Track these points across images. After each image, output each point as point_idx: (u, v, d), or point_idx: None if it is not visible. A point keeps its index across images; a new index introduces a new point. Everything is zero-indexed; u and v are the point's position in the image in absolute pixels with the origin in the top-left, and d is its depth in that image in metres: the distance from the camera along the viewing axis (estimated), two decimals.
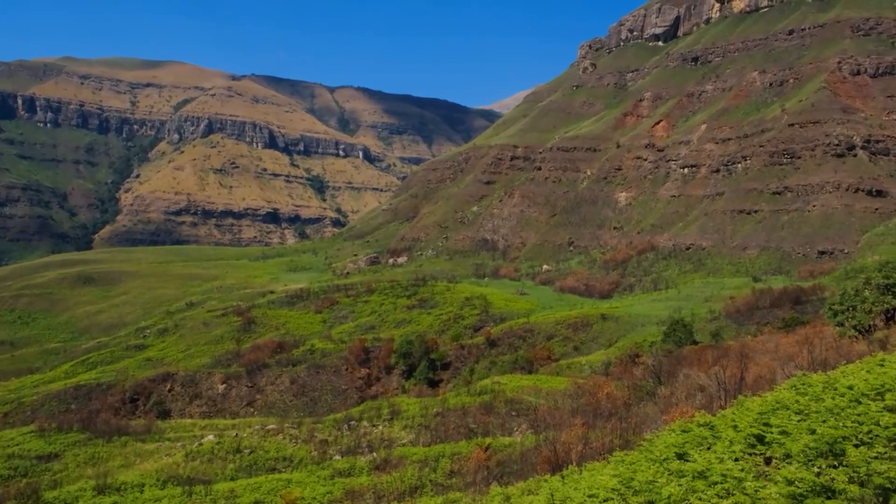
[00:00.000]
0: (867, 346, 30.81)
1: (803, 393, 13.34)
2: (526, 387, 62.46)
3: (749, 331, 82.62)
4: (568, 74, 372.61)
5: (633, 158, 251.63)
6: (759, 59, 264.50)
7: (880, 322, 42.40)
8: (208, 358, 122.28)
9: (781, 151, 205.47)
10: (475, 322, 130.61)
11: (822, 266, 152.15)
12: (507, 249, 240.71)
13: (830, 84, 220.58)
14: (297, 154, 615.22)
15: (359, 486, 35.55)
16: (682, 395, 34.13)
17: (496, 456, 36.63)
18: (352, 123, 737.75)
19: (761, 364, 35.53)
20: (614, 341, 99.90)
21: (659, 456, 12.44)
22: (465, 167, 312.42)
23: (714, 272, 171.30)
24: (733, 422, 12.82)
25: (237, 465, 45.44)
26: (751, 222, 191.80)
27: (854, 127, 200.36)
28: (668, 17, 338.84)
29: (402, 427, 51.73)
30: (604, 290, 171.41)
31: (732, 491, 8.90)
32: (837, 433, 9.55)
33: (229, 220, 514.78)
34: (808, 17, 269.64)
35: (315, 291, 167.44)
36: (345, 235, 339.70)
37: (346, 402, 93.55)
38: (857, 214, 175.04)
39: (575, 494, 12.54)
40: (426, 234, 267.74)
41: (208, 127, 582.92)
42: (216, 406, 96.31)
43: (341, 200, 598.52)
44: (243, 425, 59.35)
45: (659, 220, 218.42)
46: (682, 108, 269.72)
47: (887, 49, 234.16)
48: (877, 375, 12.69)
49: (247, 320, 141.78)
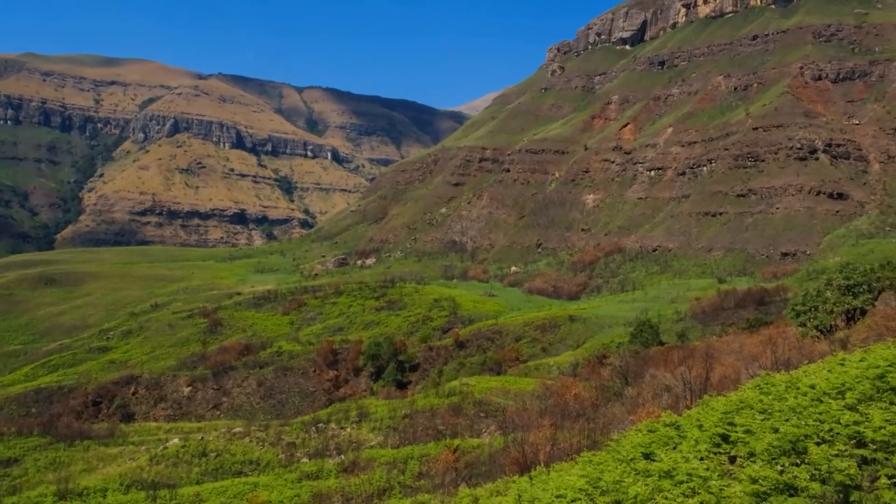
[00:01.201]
0: (828, 346, 31.37)
1: (767, 392, 13.53)
2: (494, 388, 62.59)
3: (714, 331, 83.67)
4: (536, 77, 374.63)
5: (601, 161, 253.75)
6: (723, 64, 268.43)
7: (841, 322, 43.20)
8: (173, 360, 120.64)
9: (746, 155, 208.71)
10: (444, 324, 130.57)
11: (785, 267, 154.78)
12: (475, 251, 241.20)
13: (793, 89, 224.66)
14: (264, 154, 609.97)
15: (326, 489, 35.33)
16: (648, 396, 34.45)
17: (465, 457, 36.65)
18: (320, 124, 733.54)
19: (726, 364, 35.99)
20: (582, 342, 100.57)
21: (626, 456, 12.52)
22: (434, 169, 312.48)
23: (680, 273, 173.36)
24: (699, 421, 12.96)
25: (203, 469, 44.90)
26: (716, 224, 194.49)
27: (816, 131, 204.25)
28: (636, 22, 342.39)
29: (371, 429, 51.54)
30: (572, 292, 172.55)
31: (698, 490, 8.99)
32: (800, 432, 9.70)
33: (195, 221, 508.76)
34: (772, 22, 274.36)
35: (283, 293, 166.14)
36: (313, 237, 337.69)
37: (313, 404, 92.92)
38: (818, 217, 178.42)
39: (543, 495, 12.57)
40: (395, 235, 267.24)
41: (174, 126, 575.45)
42: (181, 409, 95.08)
43: (309, 201, 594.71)
44: (209, 428, 58.68)
45: (626, 222, 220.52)
46: (649, 112, 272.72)
47: (847, 55, 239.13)
48: (838, 375, 12.92)
49: (213, 322, 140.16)
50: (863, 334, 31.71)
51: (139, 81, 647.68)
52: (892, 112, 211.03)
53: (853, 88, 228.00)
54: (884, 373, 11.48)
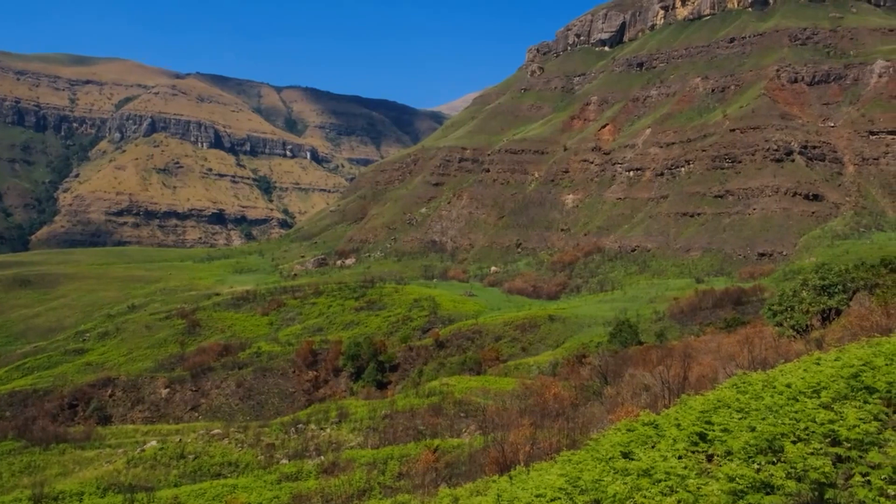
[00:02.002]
0: (804, 346, 31.72)
1: (744, 391, 13.67)
2: (474, 388, 62.67)
3: (692, 331, 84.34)
4: (516, 77, 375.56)
5: (580, 161, 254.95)
6: (701, 66, 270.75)
7: (817, 322, 43.69)
8: (151, 362, 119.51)
9: (723, 156, 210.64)
10: (424, 324, 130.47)
11: (761, 267, 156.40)
12: (455, 251, 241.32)
13: (769, 91, 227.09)
14: (243, 154, 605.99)
15: (306, 490, 35.19)
16: (627, 395, 34.64)
17: (445, 457, 36.67)
18: (299, 124, 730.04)
19: (704, 363, 36.27)
20: (561, 342, 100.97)
21: (605, 455, 12.60)
22: (414, 169, 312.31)
23: (658, 273, 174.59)
24: (677, 420, 13.06)
25: (181, 472, 44.54)
26: (694, 225, 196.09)
27: (792, 133, 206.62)
28: (615, 23, 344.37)
29: (351, 430, 51.40)
30: (551, 292, 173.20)
31: (676, 488, 9.06)
32: (776, 430, 9.81)
33: (173, 221, 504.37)
34: (749, 25, 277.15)
35: (262, 293, 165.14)
36: (292, 237, 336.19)
37: (293, 405, 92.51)
38: (794, 218, 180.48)
39: (522, 494, 12.61)
40: (374, 235, 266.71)
41: (151, 126, 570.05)
42: (159, 411, 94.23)
43: (288, 201, 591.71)
44: (187, 430, 58.25)
45: (605, 223, 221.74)
46: (628, 113, 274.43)
47: (823, 58, 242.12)
48: (813, 374, 13.08)
49: (191, 323, 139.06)
50: (838, 334, 32.10)
51: (115, 81, 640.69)
52: (867, 115, 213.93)
53: (828, 91, 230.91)
54: (858, 372, 11.64)
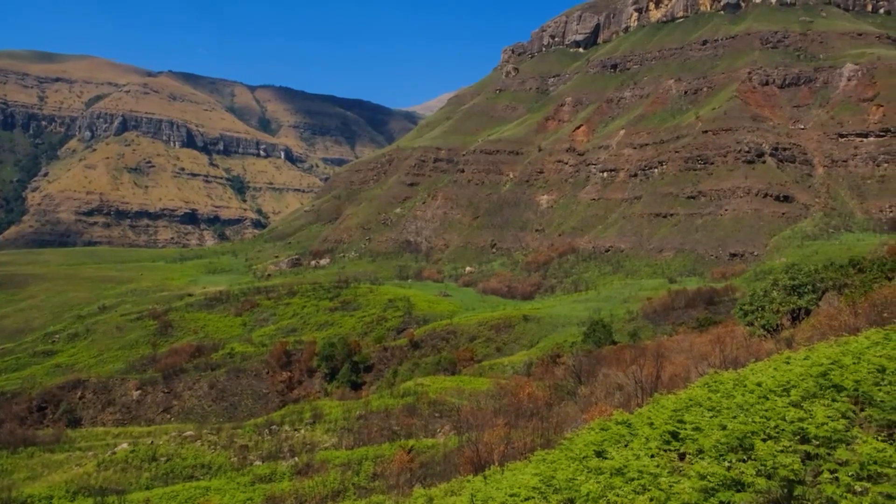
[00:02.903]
0: (775, 345, 32.12)
1: (715, 390, 13.81)
2: (449, 388, 62.68)
3: (665, 330, 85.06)
4: (491, 78, 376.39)
5: (555, 162, 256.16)
6: (674, 68, 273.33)
7: (787, 321, 44.30)
8: (122, 363, 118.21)
9: (696, 157, 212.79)
10: (398, 324, 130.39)
11: (733, 268, 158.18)
12: (430, 251, 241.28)
13: (741, 93, 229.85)
14: (216, 154, 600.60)
15: (280, 491, 34.98)
16: (601, 394, 34.84)
17: (419, 458, 36.64)
18: (273, 123, 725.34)
19: (676, 363, 36.59)
20: (536, 342, 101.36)
21: (578, 454, 12.66)
22: (389, 169, 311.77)
23: (632, 274, 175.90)
24: (649, 419, 13.16)
25: (153, 474, 44.04)
26: (667, 225, 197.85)
27: (763, 135, 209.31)
28: (589, 25, 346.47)
29: (325, 430, 51.16)
30: (526, 292, 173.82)
31: (648, 486, 9.13)
32: (746, 428, 9.92)
33: (145, 221, 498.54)
34: (721, 28, 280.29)
35: (235, 294, 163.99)
36: (266, 237, 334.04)
37: (267, 406, 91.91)
38: (765, 218, 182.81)
39: (497, 494, 12.64)
40: (349, 235, 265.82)
41: (122, 124, 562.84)
42: (130, 413, 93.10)
43: (262, 201, 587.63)
44: (159, 432, 57.61)
45: (579, 223, 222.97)
46: (602, 114, 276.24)
47: (793, 61, 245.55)
48: (783, 373, 13.26)
49: (163, 324, 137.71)
50: (807, 333, 32.55)
51: (85, 78, 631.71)
52: (836, 117, 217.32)
53: (799, 94, 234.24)
54: (826, 371, 11.81)
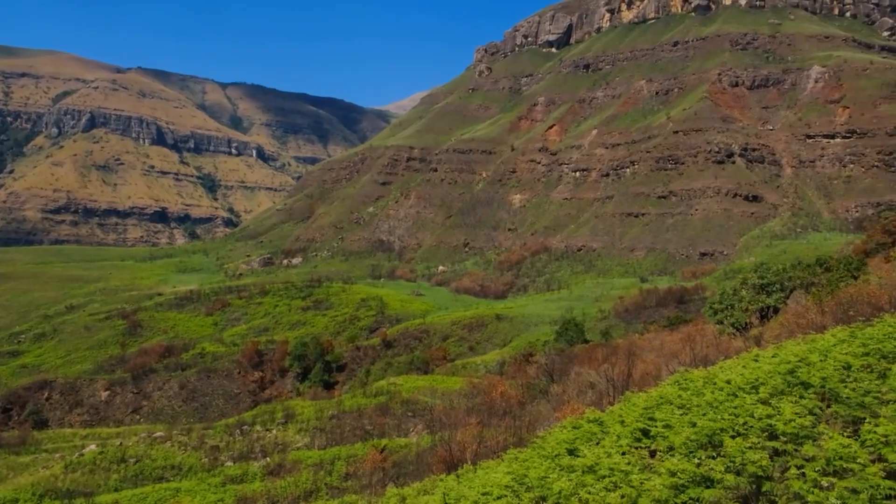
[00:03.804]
0: (744, 343, 32.51)
1: (685, 388, 13.96)
2: (422, 387, 62.68)
3: (636, 329, 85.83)
4: (464, 77, 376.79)
5: (527, 162, 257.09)
6: (646, 69, 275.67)
7: (756, 320, 44.89)
8: (90, 364, 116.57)
9: (667, 157, 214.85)
10: (371, 323, 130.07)
11: (703, 267, 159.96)
12: (403, 250, 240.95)
13: (711, 94, 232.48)
14: (186, 151, 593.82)
15: (251, 492, 34.72)
16: (573, 393, 35.03)
17: (392, 457, 36.57)
18: (245, 121, 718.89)
19: (648, 361, 36.94)
20: (509, 341, 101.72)
21: (551, 452, 12.73)
22: (362, 168, 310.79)
23: (604, 273, 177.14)
24: (621, 417, 13.27)
25: (121, 476, 43.48)
26: (638, 225, 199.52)
27: (733, 136, 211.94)
28: (562, 25, 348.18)
29: (297, 430, 50.88)
30: (498, 291, 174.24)
31: (619, 484, 9.20)
32: (716, 425, 10.03)
33: (113, 220, 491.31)
34: (692, 30, 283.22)
35: (206, 293, 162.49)
36: (237, 236, 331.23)
37: (238, 406, 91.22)
38: (735, 218, 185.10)
39: (469, 493, 12.66)
40: (321, 234, 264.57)
41: (90, 121, 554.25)
42: (99, 414, 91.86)
43: (234, 200, 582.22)
44: (128, 433, 56.91)
45: (552, 222, 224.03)
46: (574, 114, 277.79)
47: (762, 63, 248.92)
48: (752, 370, 13.43)
49: (132, 324, 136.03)
50: (775, 331, 33.00)
51: (52, 74, 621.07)
52: (804, 119, 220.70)
53: (767, 95, 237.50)
54: (794, 368, 11.98)
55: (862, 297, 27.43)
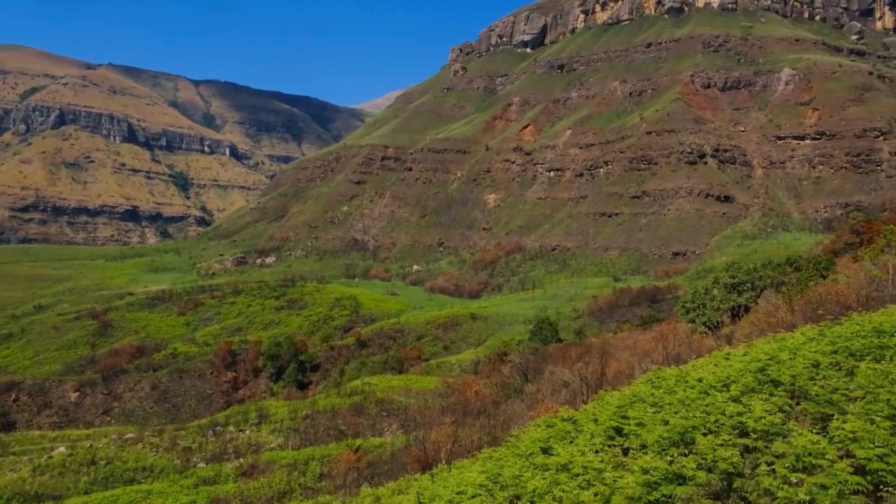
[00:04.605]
0: (715, 341, 32.88)
1: (658, 386, 14.08)
2: (396, 387, 62.62)
3: (610, 328, 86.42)
4: (439, 77, 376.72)
5: (502, 161, 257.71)
6: (619, 70, 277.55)
7: (727, 318, 45.44)
8: (59, 364, 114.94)
9: (640, 158, 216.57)
10: (345, 323, 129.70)
11: (676, 266, 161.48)
12: (377, 250, 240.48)
13: (684, 96, 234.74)
14: (158, 149, 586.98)
15: (224, 493, 34.45)
16: (547, 392, 35.20)
17: (367, 457, 36.49)
18: (218, 119, 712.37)
19: (621, 360, 37.21)
20: (483, 340, 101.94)
21: (525, 451, 12.77)
22: (336, 166, 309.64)
23: (578, 272, 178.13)
24: (594, 415, 13.35)
25: (91, 478, 42.93)
26: (612, 225, 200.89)
27: (705, 137, 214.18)
28: (536, 25, 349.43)
29: (271, 431, 50.58)
30: (473, 290, 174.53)
31: (593, 482, 9.25)
32: (688, 423, 10.13)
33: (83, 218, 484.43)
34: (665, 31, 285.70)
35: (178, 293, 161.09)
36: (210, 235, 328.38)
37: (211, 407, 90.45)
38: (707, 218, 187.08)
39: (444, 492, 12.67)
40: (295, 233, 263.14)
41: (60, 118, 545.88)
42: (68, 416, 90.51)
43: (206, 198, 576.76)
44: (99, 435, 56.13)
45: (526, 222, 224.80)
46: (549, 114, 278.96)
47: (734, 65, 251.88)
48: (723, 368, 13.59)
49: (103, 324, 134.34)
50: (746, 330, 33.40)
51: (20, 69, 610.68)
52: (774, 120, 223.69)
53: (739, 97, 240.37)
54: (765, 366, 12.14)
55: (831, 296, 27.86)
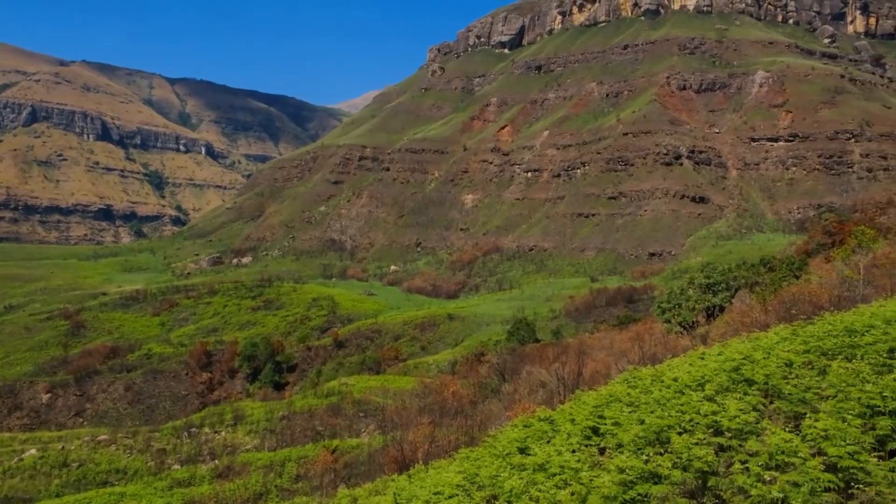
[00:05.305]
0: (691, 341, 33.15)
1: (634, 386, 14.17)
2: (374, 387, 62.50)
3: (587, 328, 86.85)
4: (417, 77, 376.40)
5: (480, 162, 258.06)
6: (597, 71, 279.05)
7: (702, 318, 45.85)
8: (31, 365, 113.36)
9: (616, 159, 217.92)
10: (322, 323, 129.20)
11: (652, 267, 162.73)
12: (354, 250, 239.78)
13: (660, 97, 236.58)
14: (133, 148, 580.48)
15: (200, 495, 34.16)
16: (524, 392, 35.29)
17: (344, 458, 36.37)
18: (193, 118, 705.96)
19: (598, 360, 37.40)
20: (461, 340, 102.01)
21: (502, 451, 12.79)
22: (313, 166, 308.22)
23: (555, 272, 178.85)
24: (571, 415, 13.40)
25: (63, 481, 42.40)
26: (589, 225, 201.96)
27: (680, 138, 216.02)
28: (514, 26, 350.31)
29: (247, 432, 50.25)
30: (450, 291, 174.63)
31: (570, 481, 9.28)
32: (663, 422, 10.20)
33: (56, 217, 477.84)
34: (641, 33, 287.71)
35: (153, 293, 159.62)
36: (186, 234, 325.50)
37: (186, 408, 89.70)
38: (682, 219, 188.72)
39: (421, 493, 12.66)
40: (272, 233, 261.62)
41: (32, 115, 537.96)
42: (39, 418, 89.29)
43: (182, 198, 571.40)
44: (71, 437, 55.41)
45: (503, 222, 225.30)
46: (526, 115, 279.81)
47: (709, 67, 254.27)
48: (698, 368, 13.70)
49: (75, 324, 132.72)
50: (721, 330, 33.71)
51: None
52: (749, 122, 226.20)
53: (714, 99, 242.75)
54: (739, 365, 12.26)
55: (803, 296, 28.21)
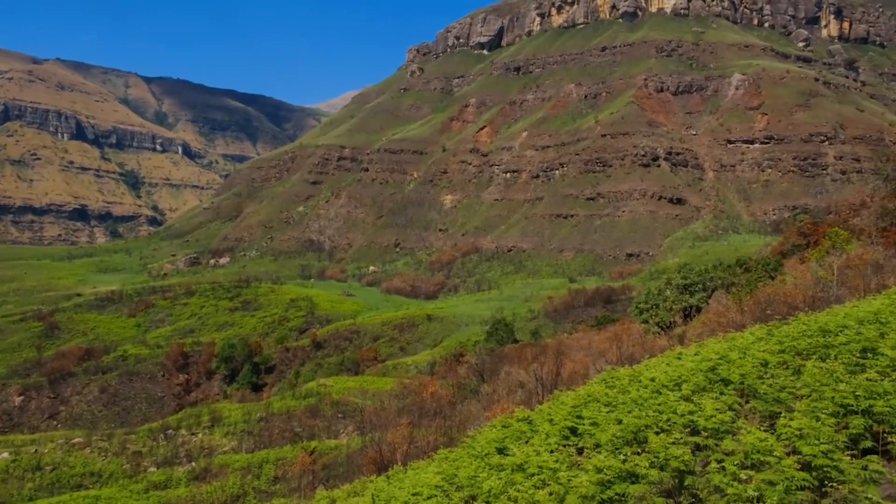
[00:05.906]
0: (668, 341, 33.37)
1: (612, 386, 14.25)
2: (352, 388, 62.34)
3: (565, 329, 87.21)
4: (396, 77, 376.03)
5: (459, 162, 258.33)
6: (575, 73, 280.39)
7: (679, 319, 46.18)
8: (3, 368, 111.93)
9: (595, 160, 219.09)
10: (301, 324, 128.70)
11: (630, 267, 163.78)
12: (333, 250, 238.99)
13: (638, 99, 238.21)
14: (108, 147, 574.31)
15: (176, 498, 33.88)
16: (503, 392, 35.34)
17: (322, 459, 36.24)
18: (170, 117, 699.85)
19: (576, 360, 37.55)
20: (439, 341, 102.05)
21: (481, 451, 12.81)
22: (292, 166, 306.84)
23: (534, 273, 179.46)
24: (549, 415, 13.45)
25: (36, 485, 41.83)
26: (567, 226, 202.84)
27: (658, 140, 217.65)
28: (493, 27, 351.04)
29: (224, 434, 49.89)
30: (429, 291, 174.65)
31: (548, 481, 9.31)
32: (641, 422, 10.26)
33: (29, 217, 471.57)
34: (619, 35, 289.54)
35: (128, 294, 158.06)
36: (162, 235, 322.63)
37: (162, 410, 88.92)
38: (660, 220, 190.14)
39: (399, 493, 12.64)
40: (250, 234, 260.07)
41: (5, 114, 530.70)
42: (12, 420, 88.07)
43: (158, 198, 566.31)
44: (44, 440, 54.69)
45: (483, 223, 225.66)
46: (505, 116, 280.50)
47: (686, 69, 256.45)
48: (675, 368, 13.81)
49: (49, 325, 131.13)
50: (698, 330, 33.97)
51: None
52: (725, 124, 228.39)
53: (691, 101, 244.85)
54: (715, 365, 12.37)
55: (779, 296, 28.50)
